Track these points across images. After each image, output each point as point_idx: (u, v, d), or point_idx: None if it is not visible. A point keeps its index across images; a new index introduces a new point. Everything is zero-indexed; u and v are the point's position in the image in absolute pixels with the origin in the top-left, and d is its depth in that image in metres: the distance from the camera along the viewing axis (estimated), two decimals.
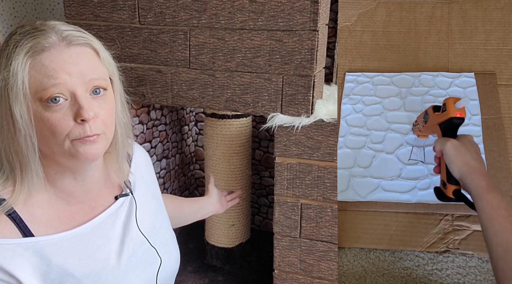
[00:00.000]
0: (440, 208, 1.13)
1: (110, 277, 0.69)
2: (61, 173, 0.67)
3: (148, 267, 0.76)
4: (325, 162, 1.10)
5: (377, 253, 1.14)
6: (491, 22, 1.35)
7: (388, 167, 1.21)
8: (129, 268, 0.73)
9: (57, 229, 0.66)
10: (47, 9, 1.60)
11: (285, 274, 1.21)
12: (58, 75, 0.61)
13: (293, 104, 1.09)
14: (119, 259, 0.71)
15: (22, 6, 1.50)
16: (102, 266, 0.69)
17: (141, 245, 0.76)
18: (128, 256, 0.73)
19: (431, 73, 1.35)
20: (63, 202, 0.69)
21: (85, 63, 0.64)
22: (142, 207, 0.78)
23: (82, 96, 0.62)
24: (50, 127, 0.61)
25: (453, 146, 0.96)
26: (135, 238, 0.75)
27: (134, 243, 0.75)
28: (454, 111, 0.99)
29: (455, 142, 0.96)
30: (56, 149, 0.63)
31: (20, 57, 0.60)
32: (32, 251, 0.63)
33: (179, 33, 1.13)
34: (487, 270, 1.08)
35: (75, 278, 0.65)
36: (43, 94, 0.60)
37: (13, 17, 1.46)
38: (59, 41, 0.62)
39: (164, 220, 0.86)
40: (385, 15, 1.42)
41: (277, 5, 1.04)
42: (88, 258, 0.68)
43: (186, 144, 1.82)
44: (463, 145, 0.95)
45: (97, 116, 0.64)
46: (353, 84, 1.38)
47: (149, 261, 0.77)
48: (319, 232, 1.14)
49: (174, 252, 0.84)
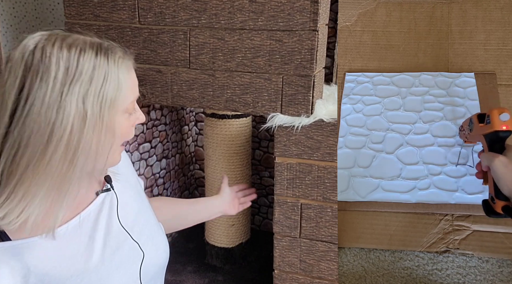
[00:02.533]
0: (440, 208, 1.13)
1: (94, 277, 0.67)
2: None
3: (134, 263, 0.74)
4: (325, 162, 1.10)
5: (377, 253, 1.14)
6: (491, 22, 1.35)
7: (388, 167, 1.21)
8: (114, 265, 0.70)
9: (37, 232, 0.63)
10: (47, 9, 1.59)
11: (285, 274, 1.21)
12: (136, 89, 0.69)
13: (293, 104, 1.09)
14: (103, 257, 0.69)
15: (22, 6, 1.50)
16: (85, 266, 0.66)
17: (125, 241, 0.73)
18: (111, 253, 0.70)
19: (431, 73, 1.35)
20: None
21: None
22: (123, 202, 0.75)
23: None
24: (121, 134, 0.66)
25: (501, 164, 0.91)
26: (118, 233, 0.72)
27: (118, 238, 0.72)
28: (499, 124, 0.94)
29: (503, 160, 0.91)
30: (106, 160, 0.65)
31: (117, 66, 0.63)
32: (10, 255, 0.61)
33: (179, 33, 1.13)
34: (487, 270, 1.08)
35: (57, 280, 0.63)
36: (128, 106, 0.66)
37: (13, 17, 1.46)
38: (125, 54, 0.67)
39: (148, 214, 0.83)
40: (385, 15, 1.42)
41: (277, 5, 1.04)
42: (71, 259, 0.65)
43: (186, 144, 1.82)
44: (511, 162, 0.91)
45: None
46: (353, 84, 1.38)
47: (134, 257, 0.74)
48: (319, 232, 1.14)
49: (161, 245, 0.81)
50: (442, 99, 1.30)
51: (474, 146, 1.18)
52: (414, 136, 1.25)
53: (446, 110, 1.28)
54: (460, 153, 1.19)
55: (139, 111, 0.70)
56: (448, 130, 1.24)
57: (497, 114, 0.95)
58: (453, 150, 1.19)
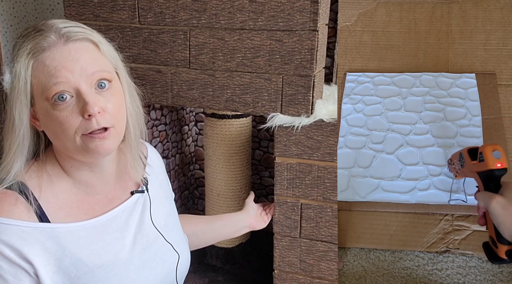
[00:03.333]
0: (440, 209, 1.13)
1: (122, 270, 0.70)
2: (77, 167, 0.69)
3: (163, 262, 0.77)
4: (325, 162, 1.10)
5: (377, 253, 1.14)
6: (491, 22, 1.35)
7: (388, 167, 1.21)
8: (143, 263, 0.73)
9: (75, 218, 0.68)
10: (47, 9, 1.60)
11: (285, 274, 1.21)
12: (60, 73, 0.63)
13: (293, 104, 1.09)
14: (132, 253, 0.72)
15: (22, 6, 1.50)
16: (115, 258, 0.70)
17: (155, 240, 0.77)
18: (141, 251, 0.74)
19: (432, 74, 1.34)
20: (82, 192, 0.71)
21: (85, 58, 0.65)
22: (156, 205, 0.80)
23: (87, 92, 0.64)
24: (60, 125, 0.63)
25: (499, 206, 0.85)
26: (149, 233, 0.76)
27: (148, 238, 0.76)
28: (493, 162, 0.89)
29: (501, 201, 0.85)
30: (69, 145, 0.65)
31: (22, 59, 0.63)
32: (47, 236, 0.64)
33: (179, 33, 1.13)
34: (487, 270, 1.08)
35: (88, 267, 0.66)
36: (48, 94, 0.63)
37: (13, 17, 1.46)
38: (57, 39, 0.64)
39: (176, 221, 0.86)
40: (385, 15, 1.42)
41: (277, 5, 1.04)
42: (102, 250, 0.69)
43: (186, 144, 1.82)
44: (511, 203, 0.85)
45: (104, 110, 0.65)
46: (353, 84, 1.38)
47: (164, 256, 0.78)
48: (319, 232, 1.14)
49: (185, 252, 0.84)
50: (443, 99, 1.29)
51: (465, 178, 1.13)
52: (414, 136, 1.25)
53: (447, 111, 1.28)
54: (452, 186, 1.15)
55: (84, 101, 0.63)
56: (449, 131, 1.24)
57: (490, 152, 0.90)
58: (453, 151, 1.19)
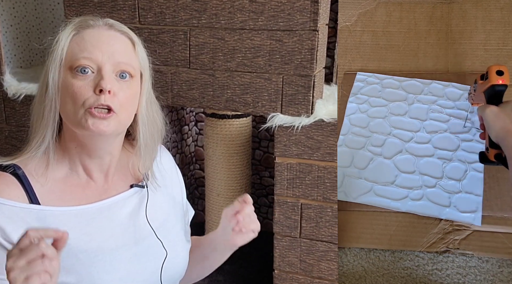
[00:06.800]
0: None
1: (107, 257, 0.70)
2: (80, 149, 0.71)
3: (154, 259, 0.77)
4: (325, 162, 1.10)
5: (377, 253, 1.14)
6: (491, 22, 1.35)
7: (384, 172, 1.18)
8: (132, 255, 0.73)
9: (66, 203, 0.69)
10: (47, 9, 1.60)
11: (285, 274, 1.21)
12: (92, 49, 0.67)
13: (293, 104, 1.09)
14: (121, 243, 0.72)
15: (22, 6, 1.50)
16: (101, 246, 0.70)
17: (148, 237, 0.76)
18: (131, 243, 0.74)
19: (442, 83, 1.32)
20: (79, 177, 0.72)
21: (118, 47, 0.70)
22: (154, 203, 0.79)
23: (107, 71, 0.67)
24: (72, 93, 0.66)
25: (491, 113, 0.98)
26: (142, 228, 0.76)
27: (141, 232, 0.76)
28: (495, 78, 0.99)
29: (494, 109, 0.98)
30: (71, 116, 0.67)
31: (67, 29, 0.69)
32: (34, 217, 0.65)
33: (179, 33, 1.13)
34: (487, 270, 1.08)
35: (72, 251, 0.66)
36: (73, 63, 0.67)
37: (13, 17, 1.46)
38: (103, 24, 0.70)
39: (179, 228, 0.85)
40: (385, 15, 1.42)
41: (277, 5, 1.04)
42: (88, 236, 0.69)
43: (186, 144, 1.82)
44: (502, 111, 0.97)
45: (115, 94, 0.67)
46: (362, 84, 1.36)
47: (155, 254, 0.77)
48: (319, 232, 1.14)
49: (182, 254, 0.83)
50: (449, 110, 1.27)
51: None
52: (414, 144, 1.22)
53: (451, 122, 1.25)
54: (467, 116, 1.22)
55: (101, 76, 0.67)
56: (450, 143, 1.20)
57: (494, 70, 1.00)
58: (451, 165, 1.17)
